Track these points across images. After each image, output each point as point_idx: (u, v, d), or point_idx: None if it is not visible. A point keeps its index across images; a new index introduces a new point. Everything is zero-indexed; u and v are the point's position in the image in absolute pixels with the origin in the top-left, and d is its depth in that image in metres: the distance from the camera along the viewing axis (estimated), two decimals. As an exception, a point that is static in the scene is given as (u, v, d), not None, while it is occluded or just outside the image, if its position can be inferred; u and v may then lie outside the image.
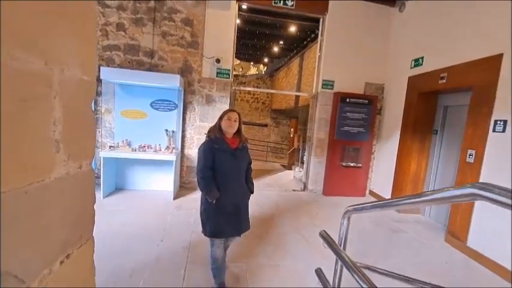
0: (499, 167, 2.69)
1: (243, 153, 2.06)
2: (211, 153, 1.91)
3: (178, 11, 4.18)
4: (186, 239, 2.77)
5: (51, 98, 0.78)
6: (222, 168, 1.93)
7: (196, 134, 4.51)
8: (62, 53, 0.81)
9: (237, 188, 2.00)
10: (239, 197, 2.02)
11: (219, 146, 1.93)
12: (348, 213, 1.36)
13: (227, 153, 1.94)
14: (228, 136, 1.99)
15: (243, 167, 2.07)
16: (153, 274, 2.13)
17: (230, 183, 1.96)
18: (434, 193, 0.81)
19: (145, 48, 4.14)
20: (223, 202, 1.91)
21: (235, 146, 1.99)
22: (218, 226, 1.92)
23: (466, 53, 3.16)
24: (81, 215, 0.99)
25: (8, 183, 0.63)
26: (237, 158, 1.98)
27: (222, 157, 1.92)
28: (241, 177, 2.05)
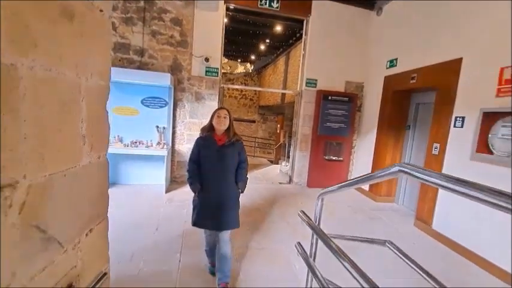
0: (458, 157, 3.05)
1: (231, 150, 2.05)
2: (198, 149, 2.03)
3: (167, 11, 4.31)
4: (179, 228, 2.99)
5: (80, 101, 1.01)
6: (206, 164, 2.01)
7: (187, 130, 4.69)
8: (87, 65, 1.03)
9: (221, 184, 2.02)
10: (222, 193, 2.03)
11: (204, 143, 2.02)
12: (321, 195, 1.63)
13: (212, 150, 1.99)
14: (218, 133, 2.04)
15: (229, 164, 2.05)
16: (151, 257, 2.35)
17: (213, 179, 2.00)
18: (377, 172, 1.09)
19: (135, 46, 4.26)
20: (206, 196, 2.00)
21: (221, 143, 2.02)
22: (198, 218, 2.04)
23: (432, 56, 3.51)
24: (99, 197, 1.22)
25: (53, 168, 0.86)
26: (222, 155, 2.00)
27: (206, 153, 2.00)
28: (226, 174, 2.04)
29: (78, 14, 0.94)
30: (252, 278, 2.22)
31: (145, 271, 2.16)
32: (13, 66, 0.67)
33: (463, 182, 0.75)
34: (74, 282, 1.04)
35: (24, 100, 0.72)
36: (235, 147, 2.07)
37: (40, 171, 0.80)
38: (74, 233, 1.02)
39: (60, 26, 0.85)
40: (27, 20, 0.74)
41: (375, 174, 1.13)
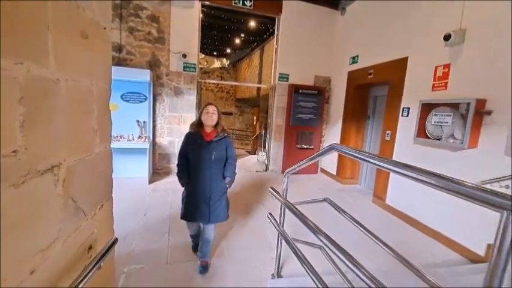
0: (406, 141, 3.61)
1: (219, 146, 2.12)
2: (186, 144, 2.12)
3: (144, 8, 4.43)
4: (166, 213, 3.28)
5: (93, 102, 1.30)
6: (193, 159, 2.10)
7: (167, 124, 4.90)
8: (96, 73, 1.33)
9: (208, 178, 2.09)
10: (209, 187, 2.10)
11: (193, 138, 2.10)
12: (286, 174, 2.04)
13: (200, 145, 2.06)
14: (207, 129, 2.10)
15: (216, 160, 2.11)
16: (142, 238, 2.63)
17: (200, 173, 2.08)
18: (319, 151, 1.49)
19: (113, 43, 4.34)
20: (193, 190, 2.10)
21: (209, 139, 2.08)
22: (186, 211, 2.15)
23: (386, 54, 4.02)
24: (106, 180, 1.53)
25: (79, 155, 1.16)
26: (209, 150, 2.06)
27: (194, 148, 2.08)
28: (213, 169, 2.11)
29: (91, 33, 1.23)
30: (234, 249, 2.60)
31: (138, 249, 2.45)
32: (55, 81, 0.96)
33: (372, 156, 1.16)
34: (93, 244, 1.35)
35: (63, 104, 1.03)
36: (223, 143, 2.14)
37: (72, 157, 1.10)
38: (92, 206, 1.33)
39: (80, 45, 1.15)
40: (65, 47, 1.04)
41: (318, 152, 1.53)
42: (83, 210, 1.24)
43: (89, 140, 1.30)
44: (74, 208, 1.16)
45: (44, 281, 0.94)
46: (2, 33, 0.70)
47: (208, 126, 2.10)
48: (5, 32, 0.72)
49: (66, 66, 1.03)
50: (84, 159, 1.22)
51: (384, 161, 1.12)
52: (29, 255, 0.87)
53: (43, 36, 0.89)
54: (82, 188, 1.21)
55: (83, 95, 1.20)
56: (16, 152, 0.78)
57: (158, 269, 2.21)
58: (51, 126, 0.95)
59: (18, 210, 0.81)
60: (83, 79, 1.20)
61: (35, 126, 0.85)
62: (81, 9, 1.13)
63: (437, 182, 0.88)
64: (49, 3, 0.91)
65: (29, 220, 0.86)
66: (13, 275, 0.82)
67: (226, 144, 2.18)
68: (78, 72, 1.14)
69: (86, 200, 1.27)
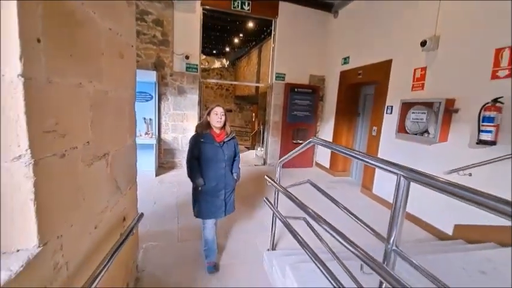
0: (389, 136, 3.97)
1: (230, 146, 2.24)
2: (198, 146, 2.15)
3: (149, 13, 4.74)
4: (173, 202, 3.65)
5: (125, 106, 1.67)
6: (207, 159, 2.15)
7: (171, 121, 5.24)
8: (126, 82, 1.68)
9: (221, 175, 2.20)
10: (223, 183, 2.22)
11: (205, 140, 2.14)
12: (279, 164, 2.40)
13: (214, 146, 2.15)
14: (216, 130, 2.18)
15: (228, 158, 2.23)
16: (155, 221, 3.00)
17: (214, 171, 2.18)
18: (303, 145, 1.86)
19: (120, 46, 4.66)
20: (208, 188, 2.17)
21: (220, 140, 2.18)
22: (204, 208, 2.21)
23: (373, 56, 4.37)
24: (133, 167, 1.90)
25: (117, 146, 1.52)
26: (223, 151, 2.18)
27: (207, 149, 2.14)
28: (226, 167, 2.23)
29: (125, 53, 1.59)
30: (236, 231, 2.98)
31: (153, 230, 2.82)
32: (106, 92, 1.32)
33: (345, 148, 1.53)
34: (126, 217, 1.72)
35: (109, 109, 1.40)
36: (232, 142, 2.28)
37: (114, 148, 1.47)
38: (125, 187, 1.70)
39: (118, 63, 1.51)
40: (110, 66, 1.41)
41: (301, 146, 1.89)
42: (120, 189, 1.62)
43: (123, 135, 1.67)
44: (116, 186, 1.54)
45: (100, 236, 1.32)
46: (81, 63, 1.08)
47: (217, 128, 2.18)
48: (82, 62, 1.10)
49: (111, 80, 1.40)
50: (120, 150, 1.59)
51: (349, 150, 1.48)
52: (94, 214, 1.24)
53: (100, 61, 1.26)
54: (119, 172, 1.58)
55: (120, 101, 1.56)
56: (88, 143, 1.15)
57: (171, 245, 2.59)
58: (103, 125, 1.32)
59: (89, 182, 1.18)
60: (120, 88, 1.56)
61: (96, 125, 1.22)
62: (119, 35, 1.49)
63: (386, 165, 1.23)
64: (103, 37, 1.27)
65: (94, 190, 1.24)
66: (88, 227, 1.20)
67: (234, 143, 2.31)
68: (117, 84, 1.50)
69: (122, 181, 1.64)
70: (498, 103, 2.44)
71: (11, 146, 0.74)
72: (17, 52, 0.71)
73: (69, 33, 0.95)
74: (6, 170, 0.75)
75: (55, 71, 0.87)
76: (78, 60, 1.03)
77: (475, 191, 0.79)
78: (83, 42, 1.06)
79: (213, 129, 2.19)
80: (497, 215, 0.73)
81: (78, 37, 1.02)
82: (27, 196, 0.78)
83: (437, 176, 0.91)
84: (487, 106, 2.48)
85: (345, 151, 1.57)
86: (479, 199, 0.78)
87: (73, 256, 1.03)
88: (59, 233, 0.93)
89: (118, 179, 1.55)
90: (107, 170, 1.37)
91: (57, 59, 0.88)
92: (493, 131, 2.44)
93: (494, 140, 2.46)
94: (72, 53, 0.98)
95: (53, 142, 0.87)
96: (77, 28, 1.01)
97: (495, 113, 2.43)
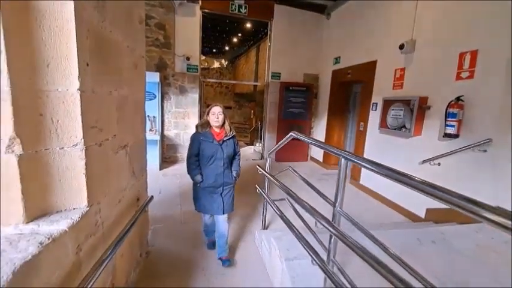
0: (374, 131, 4.32)
1: (229, 144, 2.28)
2: (197, 144, 2.21)
3: (152, 17, 5.07)
4: (176, 191, 4.03)
5: (139, 107, 2.04)
6: (206, 157, 2.21)
7: (173, 118, 5.61)
8: (139, 86, 2.05)
9: (220, 173, 2.25)
10: (221, 181, 2.27)
11: (205, 139, 2.20)
12: (269, 155, 2.76)
13: (214, 145, 2.20)
14: (215, 129, 2.23)
15: (227, 156, 2.26)
16: (160, 207, 3.38)
17: (213, 169, 2.23)
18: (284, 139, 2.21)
19: (126, 49, 5.01)
20: (206, 185, 2.25)
21: (219, 139, 2.22)
22: (202, 204, 2.34)
23: (360, 57, 4.70)
24: (143, 158, 2.26)
25: (134, 139, 1.89)
26: (223, 149, 2.22)
27: (207, 149, 2.19)
28: (226, 165, 2.27)
29: (138, 63, 1.95)
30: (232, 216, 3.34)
31: (159, 214, 3.20)
32: (126, 96, 1.68)
33: (317, 141, 1.89)
34: (139, 198, 2.09)
35: (129, 109, 1.77)
36: (232, 141, 2.31)
37: (131, 140, 1.83)
38: (139, 173, 2.07)
39: (134, 72, 1.86)
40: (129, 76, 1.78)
41: (283, 140, 2.24)
42: (135, 174, 1.99)
43: (137, 130, 2.04)
44: (132, 172, 1.91)
45: (122, 209, 1.69)
46: (110, 77, 1.45)
47: (217, 127, 2.23)
48: (111, 76, 1.47)
49: (129, 86, 1.75)
50: (135, 142, 1.96)
51: (310, 139, 1.84)
52: (119, 191, 1.61)
53: (122, 73, 1.62)
54: (135, 161, 1.95)
55: (135, 102, 1.93)
56: (115, 136, 1.51)
57: (175, 226, 2.98)
58: (124, 121, 1.68)
59: (115, 166, 1.55)
60: (136, 92, 1.93)
61: (120, 122, 1.58)
62: (134, 50, 1.85)
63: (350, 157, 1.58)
64: (124, 54, 1.63)
65: (118, 172, 1.61)
66: (115, 200, 1.58)
67: (234, 142, 2.34)
68: (133, 89, 1.86)
69: (137, 168, 2.01)
70: (460, 101, 2.79)
71: (71, 137, 1.11)
72: (76, 74, 1.07)
73: (104, 56, 1.31)
74: (68, 153, 1.11)
75: (96, 84, 1.23)
76: (109, 75, 1.39)
77: (390, 168, 1.15)
78: (111, 61, 1.42)
79: (213, 127, 2.23)
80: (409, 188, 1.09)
81: (109, 58, 1.38)
82: (81, 171, 1.15)
83: (367, 158, 1.27)
84: (451, 104, 2.83)
85: (305, 139, 1.96)
86: (395, 175, 1.13)
87: (106, 219, 1.41)
88: (98, 200, 1.29)
89: (134, 166, 1.92)
90: (126, 158, 1.73)
91: (97, 76, 1.24)
92: (456, 126, 2.79)
93: (457, 134, 2.81)
94: (105, 70, 1.34)
95: (95, 135, 1.24)
96: (108, 51, 1.37)
97: (457, 109, 2.78)
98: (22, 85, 0.94)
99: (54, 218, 1.06)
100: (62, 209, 1.12)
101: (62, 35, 1.01)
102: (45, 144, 1.04)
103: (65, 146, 1.10)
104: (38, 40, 0.97)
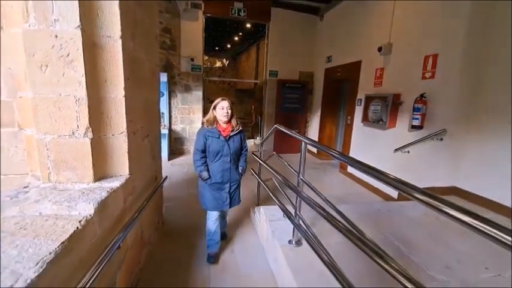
0: (359, 124, 4.82)
1: (237, 140, 2.25)
2: (203, 139, 2.18)
3: (159, 23, 5.59)
4: (183, 178, 4.61)
5: (154, 105, 2.60)
6: (213, 153, 2.19)
7: (179, 114, 6.17)
8: (155, 89, 2.60)
9: (226, 169, 2.23)
10: (228, 177, 2.25)
11: (212, 134, 2.17)
12: (260, 144, 3.31)
13: (220, 140, 2.17)
14: (222, 124, 2.20)
15: (234, 152, 2.24)
16: (169, 190, 3.96)
17: (219, 165, 2.21)
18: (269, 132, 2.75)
19: (136, 51, 5.56)
20: (213, 181, 2.23)
21: (226, 134, 2.19)
22: (209, 200, 2.29)
23: (348, 57, 5.17)
24: (158, 146, 2.83)
25: (151, 131, 2.47)
26: (228, 145, 2.20)
27: (213, 143, 2.17)
28: (232, 161, 2.25)
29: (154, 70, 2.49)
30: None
31: (170, 195, 3.78)
32: (146, 98, 2.25)
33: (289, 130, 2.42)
34: (157, 176, 2.66)
35: (148, 108, 2.35)
36: (238, 136, 2.28)
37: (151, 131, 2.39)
38: (156, 157, 2.63)
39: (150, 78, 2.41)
40: (150, 82, 2.35)
41: (268, 133, 2.78)
42: (154, 158, 2.55)
43: (154, 124, 2.59)
44: (152, 156, 2.47)
45: (146, 183, 2.25)
46: (138, 85, 2.01)
47: (223, 122, 2.20)
48: (139, 84, 2.03)
49: (148, 89, 2.30)
50: (154, 133, 2.51)
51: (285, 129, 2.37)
52: (144, 169, 2.18)
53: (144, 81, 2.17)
54: (154, 148, 2.51)
55: (152, 102, 2.48)
56: (142, 127, 2.07)
57: (183, 205, 3.56)
58: (146, 117, 2.23)
59: (142, 150, 2.12)
60: (152, 93, 2.48)
61: (144, 117, 2.13)
62: (151, 61, 2.39)
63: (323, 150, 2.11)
64: (146, 66, 2.18)
65: (144, 155, 2.17)
66: (142, 174, 2.15)
67: (241, 136, 2.31)
68: (151, 91, 2.41)
69: (155, 154, 2.57)
70: (423, 97, 3.28)
71: (119, 128, 1.66)
72: (122, 86, 1.62)
73: (135, 71, 1.86)
74: (117, 138, 1.67)
75: (131, 91, 1.78)
76: (137, 83, 1.94)
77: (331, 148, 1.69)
78: (139, 73, 1.97)
79: (219, 123, 2.21)
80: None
81: (138, 71, 1.93)
82: (124, 151, 1.71)
83: (321, 144, 1.81)
84: (417, 100, 3.32)
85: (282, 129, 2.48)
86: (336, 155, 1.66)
87: (137, 186, 1.97)
88: (133, 172, 1.86)
89: (154, 152, 2.48)
90: (148, 145, 2.29)
91: (132, 86, 1.79)
92: (420, 119, 3.29)
93: (421, 125, 3.32)
94: (136, 81, 1.89)
95: (132, 126, 1.79)
96: (137, 66, 1.92)
97: (421, 105, 3.28)
98: (92, 94, 1.49)
99: (110, 180, 1.63)
100: (113, 175, 1.69)
101: (113, 62, 1.56)
102: (104, 132, 1.60)
103: (115, 133, 1.66)
104: (100, 66, 1.53)
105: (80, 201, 1.30)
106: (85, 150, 1.51)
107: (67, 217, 1.19)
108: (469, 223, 0.68)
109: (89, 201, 1.30)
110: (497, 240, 0.61)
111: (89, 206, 1.27)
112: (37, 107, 1.42)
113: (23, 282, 0.79)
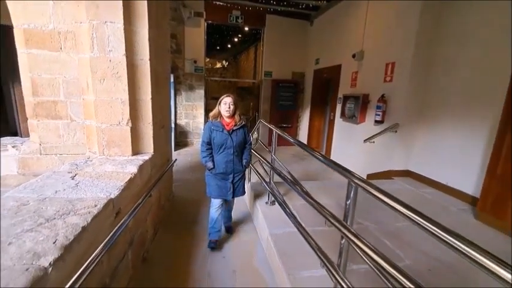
0: (339, 120, 5.56)
1: (240, 134, 2.40)
2: (209, 132, 2.38)
3: (166, 30, 6.34)
4: (188, 164, 5.42)
5: (167, 104, 3.40)
6: (217, 145, 2.37)
7: (184, 110, 6.95)
8: (167, 92, 3.40)
9: (230, 161, 2.39)
10: (231, 168, 2.42)
11: (216, 128, 2.36)
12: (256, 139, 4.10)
13: (224, 134, 2.34)
14: (226, 119, 2.36)
15: (237, 145, 2.39)
16: (178, 173, 4.75)
17: (223, 157, 2.39)
18: (256, 126, 3.52)
19: (146, 55, 6.32)
20: (218, 171, 2.42)
21: (229, 128, 2.35)
22: (213, 189, 2.49)
23: (331, 61, 5.90)
24: (170, 135, 3.66)
25: (166, 123, 3.26)
26: (232, 138, 2.35)
27: (217, 136, 2.35)
28: (235, 153, 2.40)
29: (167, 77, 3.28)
30: (228, 179, 4.72)
31: (177, 177, 4.56)
32: (162, 98, 3.03)
33: (271, 124, 3.20)
34: (169, 159, 3.46)
35: (163, 107, 3.17)
36: (242, 130, 2.43)
37: (166, 123, 3.19)
38: (169, 143, 3.44)
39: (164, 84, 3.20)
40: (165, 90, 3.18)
41: (256, 126, 3.56)
42: (168, 144, 3.35)
43: (167, 118, 3.37)
44: (166, 142, 3.27)
45: (162, 162, 3.05)
46: (158, 91, 2.81)
47: (227, 117, 2.36)
48: (158, 90, 2.84)
49: (162, 93, 3.08)
50: (167, 125, 3.29)
51: (268, 124, 3.14)
52: (161, 151, 2.98)
53: (161, 87, 2.97)
54: (166, 135, 3.29)
55: (166, 102, 3.25)
56: (160, 120, 2.87)
57: (189, 184, 4.36)
58: (162, 112, 3.02)
59: (160, 136, 2.93)
60: (166, 95, 3.25)
61: (161, 112, 2.92)
62: (166, 70, 3.17)
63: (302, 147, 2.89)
64: (161, 76, 2.96)
65: (161, 140, 2.98)
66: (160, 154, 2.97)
67: (244, 131, 2.46)
68: (165, 93, 3.18)
69: (168, 141, 3.36)
70: (383, 97, 4.03)
71: (147, 119, 2.44)
72: (149, 92, 2.39)
73: (156, 80, 2.64)
74: (146, 127, 2.45)
75: (154, 95, 2.55)
76: (157, 89, 2.72)
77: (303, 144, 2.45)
78: (158, 81, 2.75)
79: (223, 117, 2.37)
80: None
81: (157, 80, 2.71)
82: (151, 136, 2.49)
83: (289, 135, 2.59)
84: (378, 99, 4.07)
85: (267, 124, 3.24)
86: (295, 141, 2.43)
87: (157, 164, 2.76)
88: (156, 151, 2.64)
89: (166, 138, 3.26)
90: (163, 133, 3.07)
91: (155, 90, 2.56)
92: (381, 115, 4.04)
93: (382, 120, 4.07)
94: (156, 87, 2.67)
95: (155, 119, 2.57)
96: (157, 77, 2.69)
97: (382, 103, 4.03)
98: (131, 98, 2.27)
99: (142, 155, 2.42)
100: (144, 152, 2.48)
101: (144, 76, 2.33)
102: (138, 123, 2.39)
103: (145, 123, 2.44)
104: (136, 79, 2.30)
105: (128, 164, 2.09)
106: (126, 135, 2.30)
107: (122, 172, 1.98)
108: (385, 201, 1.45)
109: (133, 165, 2.10)
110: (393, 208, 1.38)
111: (134, 167, 2.06)
112: (97, 106, 2.21)
113: (113, 195, 1.58)
